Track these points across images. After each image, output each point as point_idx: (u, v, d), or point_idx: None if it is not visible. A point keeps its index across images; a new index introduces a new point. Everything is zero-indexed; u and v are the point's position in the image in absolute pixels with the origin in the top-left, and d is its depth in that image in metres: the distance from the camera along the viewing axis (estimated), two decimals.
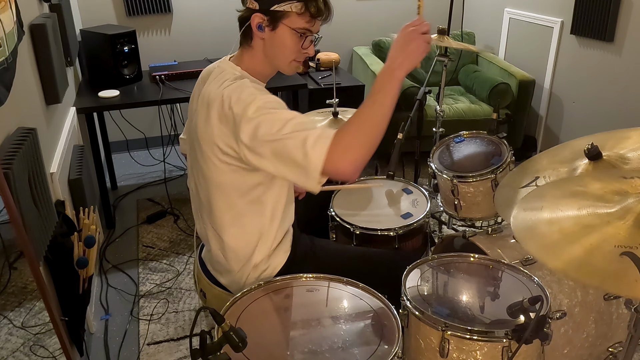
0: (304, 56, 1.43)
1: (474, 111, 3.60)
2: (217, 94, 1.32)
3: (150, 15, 3.77)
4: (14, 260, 2.44)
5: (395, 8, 4.27)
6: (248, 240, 1.46)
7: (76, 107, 2.72)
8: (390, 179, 2.11)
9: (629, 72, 2.95)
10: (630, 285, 0.86)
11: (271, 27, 1.36)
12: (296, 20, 1.35)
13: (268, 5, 1.34)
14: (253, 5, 1.36)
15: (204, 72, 1.55)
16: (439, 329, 1.23)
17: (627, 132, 1.50)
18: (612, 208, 1.00)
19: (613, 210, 0.99)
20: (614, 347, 1.58)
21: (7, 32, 1.57)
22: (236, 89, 1.31)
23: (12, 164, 1.43)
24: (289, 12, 1.34)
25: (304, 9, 1.34)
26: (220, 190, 1.41)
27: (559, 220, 1.03)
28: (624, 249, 0.91)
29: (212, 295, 1.59)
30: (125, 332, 2.24)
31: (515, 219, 1.11)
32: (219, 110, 1.31)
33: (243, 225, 1.45)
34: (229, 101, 1.29)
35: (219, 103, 1.31)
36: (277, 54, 1.41)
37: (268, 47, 1.40)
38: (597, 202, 1.03)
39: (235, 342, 1.06)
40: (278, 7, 1.34)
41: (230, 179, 1.38)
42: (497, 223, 2.20)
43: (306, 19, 1.36)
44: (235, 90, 1.30)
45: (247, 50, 1.43)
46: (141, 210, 3.22)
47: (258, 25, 1.36)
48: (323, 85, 3.14)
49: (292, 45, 1.39)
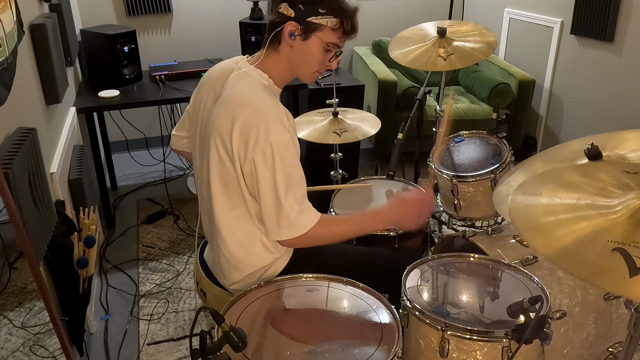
0: (326, 68, 1.46)
1: (474, 111, 3.60)
2: (253, 108, 1.33)
3: (150, 15, 3.77)
4: (14, 260, 2.44)
5: (395, 8, 4.27)
6: (251, 246, 1.46)
7: (76, 107, 2.72)
8: (390, 179, 2.11)
9: (629, 72, 2.95)
10: (618, 282, 0.86)
11: (303, 37, 1.39)
12: (329, 35, 1.39)
13: (305, 15, 1.36)
14: (288, 12, 1.37)
15: (217, 70, 1.51)
16: (439, 329, 1.23)
17: (627, 133, 1.50)
18: (610, 202, 0.99)
19: (611, 204, 0.99)
20: (614, 347, 1.58)
21: (7, 32, 1.57)
22: (277, 127, 1.31)
23: (12, 164, 1.43)
24: (324, 26, 1.37)
25: (338, 25, 1.38)
26: (224, 189, 1.41)
27: (555, 207, 1.03)
28: (617, 244, 0.90)
29: (212, 295, 1.59)
30: (125, 332, 2.24)
31: (512, 202, 1.10)
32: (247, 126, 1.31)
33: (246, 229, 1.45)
34: (265, 132, 1.30)
35: (253, 124, 1.31)
36: (303, 63, 1.43)
37: (295, 55, 1.41)
38: (597, 195, 1.03)
39: (235, 342, 1.06)
40: (315, 19, 1.37)
41: (233, 179, 1.38)
42: (497, 223, 2.20)
43: (338, 34, 1.40)
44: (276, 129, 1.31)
45: (273, 54, 1.43)
46: (141, 210, 3.22)
47: (290, 33, 1.38)
48: (323, 85, 3.14)
49: (319, 57, 1.42)
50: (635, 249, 0.89)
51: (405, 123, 2.31)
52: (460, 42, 2.33)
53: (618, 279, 0.86)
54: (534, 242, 0.98)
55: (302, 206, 1.35)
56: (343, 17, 1.38)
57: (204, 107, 1.48)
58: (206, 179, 1.45)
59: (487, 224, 2.16)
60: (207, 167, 1.43)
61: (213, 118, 1.39)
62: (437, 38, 2.34)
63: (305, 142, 2.21)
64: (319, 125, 2.18)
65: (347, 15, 1.39)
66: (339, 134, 2.12)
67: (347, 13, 1.39)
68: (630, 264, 0.87)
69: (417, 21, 2.59)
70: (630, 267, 0.86)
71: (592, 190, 1.05)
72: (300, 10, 1.36)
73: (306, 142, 2.23)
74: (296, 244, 1.41)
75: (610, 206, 0.98)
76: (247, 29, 3.29)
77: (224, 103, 1.38)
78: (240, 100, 1.35)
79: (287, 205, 1.32)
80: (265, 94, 1.38)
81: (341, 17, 1.38)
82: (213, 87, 1.47)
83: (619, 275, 0.86)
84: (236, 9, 3.80)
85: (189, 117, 1.62)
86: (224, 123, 1.35)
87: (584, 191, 1.05)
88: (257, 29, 3.27)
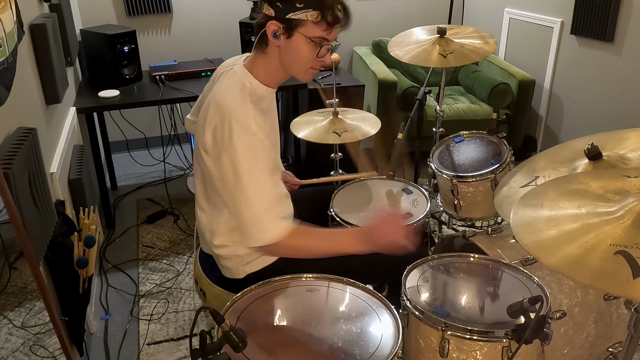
0: (321, 64, 1.41)
1: (474, 111, 3.60)
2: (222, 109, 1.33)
3: (150, 15, 3.77)
4: (14, 260, 2.44)
5: (395, 8, 4.27)
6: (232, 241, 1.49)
7: (76, 107, 2.72)
8: (390, 179, 2.11)
9: (629, 72, 2.95)
10: (622, 284, 0.86)
11: (286, 35, 1.34)
12: (312, 29, 1.33)
13: (284, 13, 1.32)
14: (269, 12, 1.34)
15: (222, 66, 1.55)
16: (439, 329, 1.23)
17: (627, 132, 1.49)
18: (611, 207, 1.00)
19: (612, 210, 0.99)
20: (614, 347, 1.58)
21: (7, 32, 1.57)
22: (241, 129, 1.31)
23: (12, 164, 1.43)
24: (305, 20, 1.32)
25: (320, 18, 1.32)
26: (208, 181, 1.44)
27: (558, 218, 1.03)
28: (619, 247, 0.90)
29: (212, 295, 1.59)
30: (125, 332, 2.24)
31: (515, 215, 1.10)
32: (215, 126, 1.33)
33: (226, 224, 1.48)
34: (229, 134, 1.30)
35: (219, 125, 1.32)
36: (293, 62, 1.39)
37: (283, 54, 1.38)
38: (597, 201, 1.03)
39: (235, 342, 1.06)
40: (293, 15, 1.32)
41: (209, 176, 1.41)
42: (497, 223, 2.20)
43: (322, 27, 1.34)
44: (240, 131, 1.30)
45: (261, 56, 1.42)
46: (141, 210, 3.22)
47: (273, 33, 1.34)
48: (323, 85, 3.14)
49: (307, 54, 1.37)
50: (637, 251, 0.89)
51: (405, 123, 2.31)
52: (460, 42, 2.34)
53: (622, 281, 0.86)
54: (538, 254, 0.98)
55: (267, 215, 1.32)
56: (322, 8, 1.31)
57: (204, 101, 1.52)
58: (198, 171, 1.49)
59: (487, 224, 2.16)
60: (196, 163, 1.47)
61: (201, 112, 1.42)
62: (438, 38, 2.35)
63: (306, 142, 2.21)
64: (319, 125, 2.17)
65: (326, 6, 1.32)
66: (339, 134, 2.12)
67: (326, 3, 1.32)
68: (634, 265, 0.87)
69: (418, 21, 2.61)
70: (633, 268, 0.86)
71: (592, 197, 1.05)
72: (279, 8, 1.32)
73: (306, 142, 2.23)
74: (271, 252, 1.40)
75: (612, 212, 0.98)
76: (247, 29, 3.29)
77: (207, 101, 1.40)
78: (214, 99, 1.36)
79: (247, 212, 1.31)
80: (238, 95, 1.36)
81: (321, 9, 1.31)
82: (212, 81, 1.51)
83: (623, 277, 0.86)
84: (236, 9, 3.80)
85: (200, 103, 1.64)
86: (201, 121, 1.37)
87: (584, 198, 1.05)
88: None
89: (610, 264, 0.89)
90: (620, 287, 0.87)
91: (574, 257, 0.93)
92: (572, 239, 0.96)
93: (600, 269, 0.89)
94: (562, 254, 0.95)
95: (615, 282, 0.87)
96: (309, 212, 1.90)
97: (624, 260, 0.88)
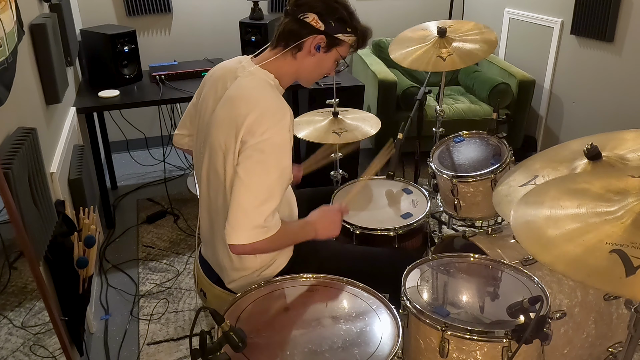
0: (325, 75, 1.53)
1: (474, 111, 3.60)
2: (263, 107, 1.32)
3: (150, 15, 3.78)
4: (14, 260, 2.44)
5: (395, 8, 4.27)
6: None
7: (76, 107, 2.72)
8: (390, 179, 2.11)
9: (629, 72, 2.95)
10: (614, 282, 0.86)
11: (325, 50, 1.43)
12: (344, 50, 1.47)
13: (334, 31, 1.41)
14: (317, 25, 1.39)
15: (220, 70, 1.51)
16: (439, 329, 1.23)
17: (627, 133, 1.49)
18: (611, 207, 1.00)
19: (612, 209, 0.99)
20: (614, 347, 1.58)
21: (7, 32, 1.57)
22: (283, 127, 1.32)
23: (12, 164, 1.43)
24: (346, 42, 1.45)
25: (355, 43, 1.47)
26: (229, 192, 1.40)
27: (558, 217, 1.03)
28: (615, 246, 0.91)
29: (212, 295, 1.59)
30: (125, 332, 2.24)
31: (515, 213, 1.11)
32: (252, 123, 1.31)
33: None
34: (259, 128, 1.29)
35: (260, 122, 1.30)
36: (312, 72, 1.48)
37: (309, 63, 1.45)
38: (598, 201, 1.03)
39: (235, 342, 1.06)
40: (342, 36, 1.43)
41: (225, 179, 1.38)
42: (497, 223, 2.20)
43: (350, 50, 1.48)
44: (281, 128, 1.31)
45: (289, 59, 1.44)
46: (141, 210, 3.22)
47: (317, 46, 1.41)
48: (323, 85, 3.14)
49: (329, 67, 1.49)
50: (633, 249, 0.89)
51: (405, 123, 2.31)
52: (461, 41, 2.33)
53: (615, 279, 0.86)
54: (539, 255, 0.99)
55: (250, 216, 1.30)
56: (360, 36, 1.47)
57: (205, 106, 1.48)
58: (205, 177, 1.46)
59: (487, 224, 2.16)
60: (207, 165, 1.43)
61: (216, 116, 1.39)
62: (437, 38, 2.34)
63: (306, 142, 2.21)
64: (319, 125, 2.17)
65: (363, 35, 1.47)
66: (339, 134, 2.12)
67: (366, 36, 1.48)
68: (627, 264, 0.87)
69: (418, 21, 2.60)
70: (627, 267, 0.87)
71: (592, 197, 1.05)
72: (331, 27, 1.40)
73: (306, 142, 2.23)
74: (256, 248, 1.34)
75: (612, 212, 0.98)
76: (247, 29, 3.29)
77: (229, 101, 1.37)
78: (249, 98, 1.34)
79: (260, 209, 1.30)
80: (274, 93, 1.39)
81: (359, 36, 1.46)
82: (215, 87, 1.46)
83: (616, 275, 0.86)
84: (236, 9, 3.80)
85: (190, 115, 1.62)
86: (229, 121, 1.34)
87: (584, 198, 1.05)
88: (257, 29, 3.27)
89: (605, 262, 0.89)
90: (612, 285, 0.87)
91: (571, 255, 0.93)
92: (570, 238, 0.97)
93: (595, 266, 0.90)
94: (558, 252, 0.95)
95: (608, 279, 0.87)
96: (309, 212, 1.90)
97: (618, 258, 0.89)
